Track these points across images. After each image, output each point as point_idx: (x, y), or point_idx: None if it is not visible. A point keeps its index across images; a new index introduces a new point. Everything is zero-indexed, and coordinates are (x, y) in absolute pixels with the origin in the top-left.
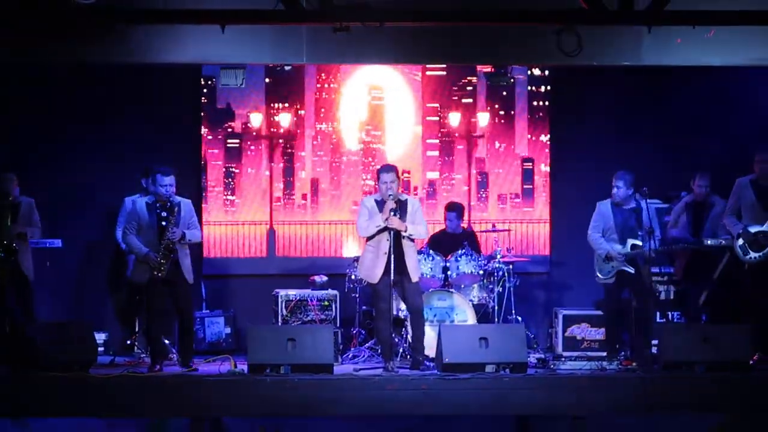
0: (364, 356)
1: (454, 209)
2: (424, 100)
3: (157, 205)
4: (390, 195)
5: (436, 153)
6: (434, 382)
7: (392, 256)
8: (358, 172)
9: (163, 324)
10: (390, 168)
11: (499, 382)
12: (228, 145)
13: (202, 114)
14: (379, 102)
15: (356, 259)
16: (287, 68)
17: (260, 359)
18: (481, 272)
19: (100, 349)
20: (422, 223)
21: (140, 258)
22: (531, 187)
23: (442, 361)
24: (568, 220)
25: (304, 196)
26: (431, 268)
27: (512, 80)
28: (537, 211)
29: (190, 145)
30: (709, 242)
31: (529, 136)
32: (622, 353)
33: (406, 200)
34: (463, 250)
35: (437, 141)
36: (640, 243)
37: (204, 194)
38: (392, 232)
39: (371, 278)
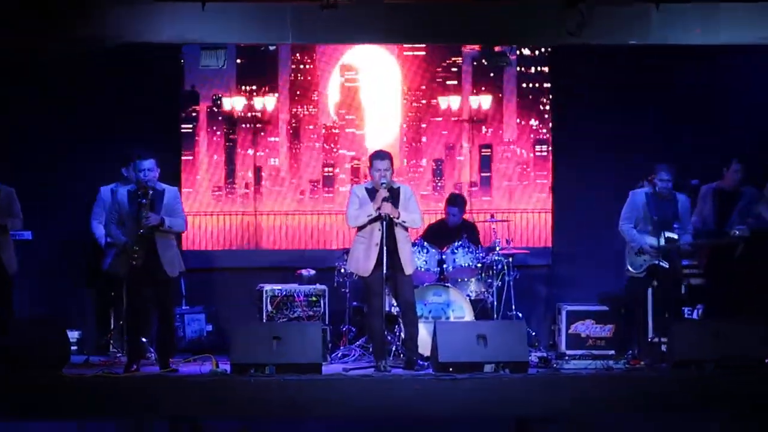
0: (354, 355)
1: (456, 203)
2: (403, 83)
3: (139, 193)
4: (383, 183)
5: (424, 138)
6: (429, 383)
7: (385, 248)
8: (340, 159)
9: (141, 321)
10: (384, 155)
11: (498, 382)
12: (183, 130)
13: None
14: (353, 84)
15: (346, 252)
16: (271, 48)
17: (244, 359)
18: (479, 265)
19: (74, 347)
20: (416, 211)
21: (120, 248)
22: (489, 174)
23: (438, 360)
24: (571, 209)
25: (278, 182)
26: (426, 261)
27: (511, 60)
28: (494, 201)
29: (168, 131)
30: (736, 232)
31: (518, 120)
32: (630, 352)
33: (399, 188)
34: (460, 242)
35: (424, 125)
36: (675, 236)
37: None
38: (384, 222)
39: (362, 271)
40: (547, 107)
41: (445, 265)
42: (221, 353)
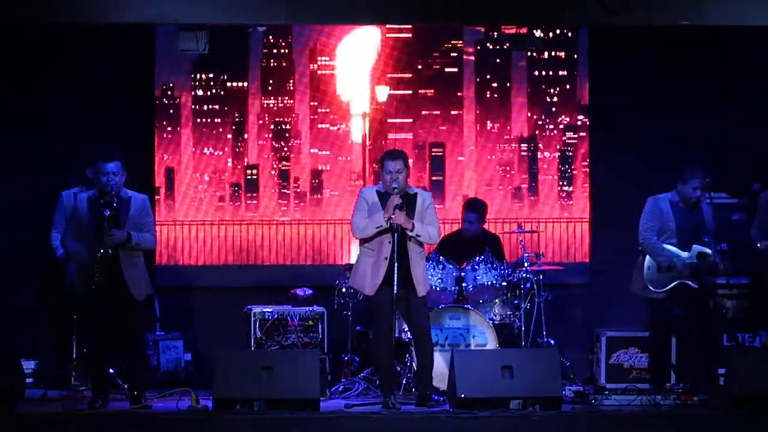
0: (358, 389)
1: (476, 209)
2: (384, 69)
3: (101, 201)
4: (395, 188)
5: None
6: (445, 422)
7: (395, 264)
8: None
9: (106, 349)
10: (396, 154)
11: (527, 421)
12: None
13: None
14: (327, 72)
15: (348, 268)
16: (260, 29)
17: (228, 393)
18: (504, 284)
19: (29, 380)
20: (434, 224)
21: (77, 265)
22: (441, 178)
23: (456, 395)
24: (613, 218)
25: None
26: (441, 279)
27: (541, 45)
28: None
29: (139, 127)
30: None
31: (529, 114)
32: (680, 386)
33: (416, 194)
34: (482, 257)
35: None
36: (708, 251)
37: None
38: (396, 234)
39: (367, 289)
40: (560, 98)
41: (464, 284)
42: (202, 387)
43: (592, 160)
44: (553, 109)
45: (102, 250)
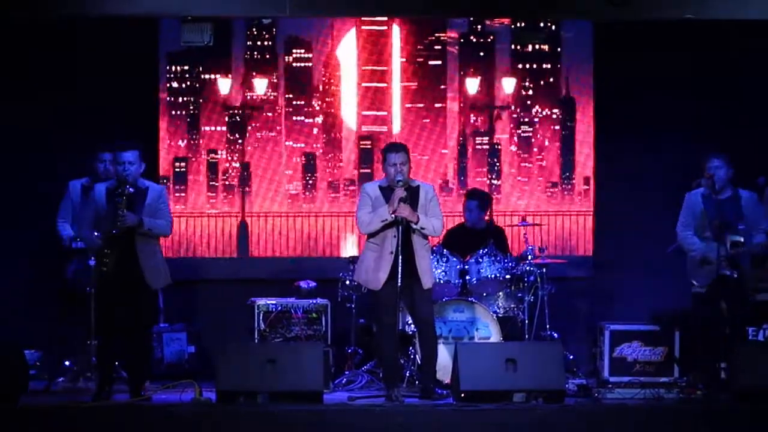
0: (361, 382)
1: (476, 197)
2: (359, 62)
3: (118, 190)
4: (399, 181)
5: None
6: (449, 415)
7: (400, 257)
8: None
9: (114, 339)
10: (399, 146)
11: (530, 414)
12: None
13: None
14: (302, 64)
15: (352, 260)
16: (265, 21)
17: (232, 385)
18: (508, 277)
19: (32, 372)
20: (437, 216)
21: (92, 254)
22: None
23: (459, 388)
24: (617, 212)
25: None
26: (445, 272)
27: (544, 38)
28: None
29: (144, 120)
30: None
31: (513, 106)
32: (683, 379)
33: (418, 186)
34: (486, 249)
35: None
36: (741, 239)
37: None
38: (401, 227)
39: (373, 284)
40: (545, 90)
41: (468, 277)
42: (205, 379)
43: (596, 156)
44: (535, 101)
45: (114, 231)
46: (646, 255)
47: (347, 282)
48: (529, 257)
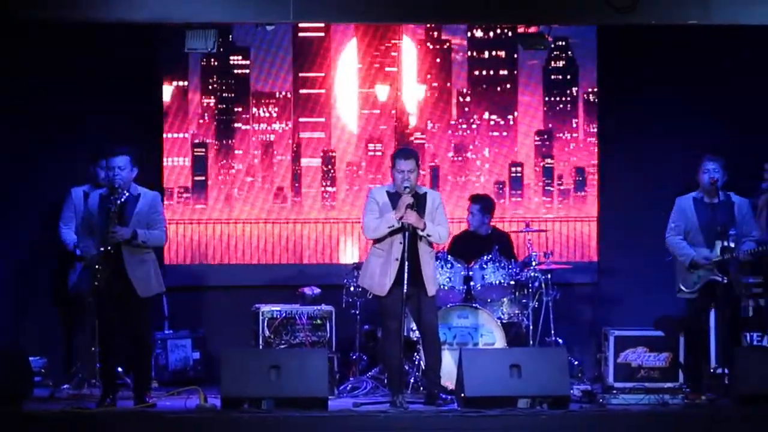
0: (366, 388)
1: (479, 201)
2: (295, 68)
3: (111, 197)
4: (406, 187)
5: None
6: (453, 421)
7: (406, 263)
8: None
9: (115, 346)
10: (409, 153)
11: (534, 420)
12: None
13: None
14: (242, 71)
15: (357, 266)
16: (269, 28)
17: (237, 392)
18: (513, 283)
19: (37, 378)
20: (444, 224)
21: (87, 263)
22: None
23: (464, 394)
24: (622, 217)
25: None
26: (450, 278)
27: (549, 42)
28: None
29: (147, 125)
30: None
31: (466, 109)
32: (686, 384)
33: (426, 193)
34: (490, 255)
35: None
36: (732, 245)
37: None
38: (407, 234)
39: (378, 289)
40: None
41: (472, 283)
42: (210, 385)
43: (600, 161)
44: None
45: (103, 248)
46: (651, 261)
47: (352, 288)
48: (533, 263)
